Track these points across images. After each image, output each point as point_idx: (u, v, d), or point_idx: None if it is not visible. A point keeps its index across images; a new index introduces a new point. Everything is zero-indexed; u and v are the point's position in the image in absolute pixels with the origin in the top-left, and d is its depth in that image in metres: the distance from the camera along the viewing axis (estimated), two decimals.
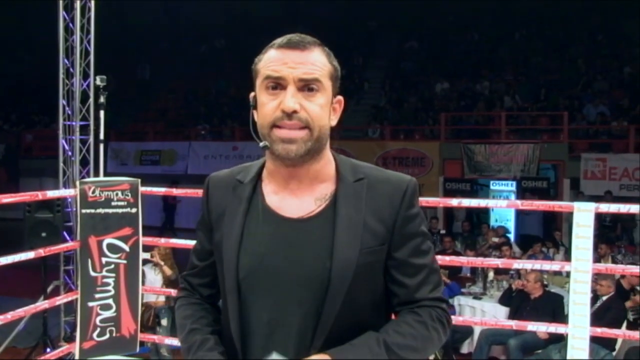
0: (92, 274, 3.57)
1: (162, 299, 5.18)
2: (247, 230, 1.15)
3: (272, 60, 1.10)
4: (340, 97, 1.18)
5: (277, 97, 1.09)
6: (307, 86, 1.09)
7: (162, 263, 5.12)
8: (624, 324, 4.98)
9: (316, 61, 1.10)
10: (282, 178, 1.16)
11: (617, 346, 4.86)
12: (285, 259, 1.12)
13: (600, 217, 9.13)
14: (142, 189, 3.69)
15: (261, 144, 1.13)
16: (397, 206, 1.15)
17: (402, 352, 1.10)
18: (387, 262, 1.16)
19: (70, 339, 4.74)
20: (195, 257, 1.29)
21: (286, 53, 1.09)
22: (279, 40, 1.12)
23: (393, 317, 1.22)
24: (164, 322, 5.10)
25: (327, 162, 1.17)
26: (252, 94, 1.15)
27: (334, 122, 1.16)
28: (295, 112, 1.07)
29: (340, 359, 1.06)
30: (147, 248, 4.12)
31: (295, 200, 1.15)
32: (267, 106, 1.10)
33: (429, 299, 1.17)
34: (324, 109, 1.11)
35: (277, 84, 1.09)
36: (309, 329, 1.11)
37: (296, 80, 1.08)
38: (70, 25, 5.19)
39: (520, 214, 10.82)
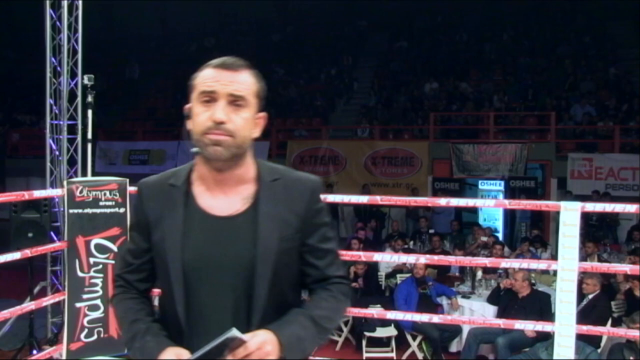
0: (80, 274, 3.54)
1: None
2: (186, 228, 1.34)
3: (207, 78, 1.30)
4: (264, 113, 1.37)
5: (209, 109, 1.28)
6: (235, 102, 1.29)
7: None
8: (609, 322, 5.06)
9: (244, 81, 1.31)
10: (211, 181, 1.36)
11: (602, 343, 4.94)
12: (219, 252, 1.32)
13: (587, 216, 9.23)
14: (130, 188, 3.67)
15: (193, 149, 1.32)
16: (307, 201, 1.39)
17: (323, 322, 1.36)
18: (301, 248, 1.39)
19: (54, 341, 4.68)
20: (131, 256, 1.45)
21: (220, 72, 1.30)
22: (215, 62, 1.32)
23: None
24: None
25: (249, 166, 1.38)
26: (187, 106, 1.34)
27: (256, 134, 1.36)
28: (223, 122, 1.27)
29: (280, 334, 1.26)
30: None
31: (223, 200, 1.36)
32: (200, 116, 1.29)
33: (336, 276, 1.43)
34: (247, 122, 1.32)
35: (211, 98, 1.29)
36: (243, 310, 1.32)
37: (226, 96, 1.28)
38: (58, 23, 5.14)
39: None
